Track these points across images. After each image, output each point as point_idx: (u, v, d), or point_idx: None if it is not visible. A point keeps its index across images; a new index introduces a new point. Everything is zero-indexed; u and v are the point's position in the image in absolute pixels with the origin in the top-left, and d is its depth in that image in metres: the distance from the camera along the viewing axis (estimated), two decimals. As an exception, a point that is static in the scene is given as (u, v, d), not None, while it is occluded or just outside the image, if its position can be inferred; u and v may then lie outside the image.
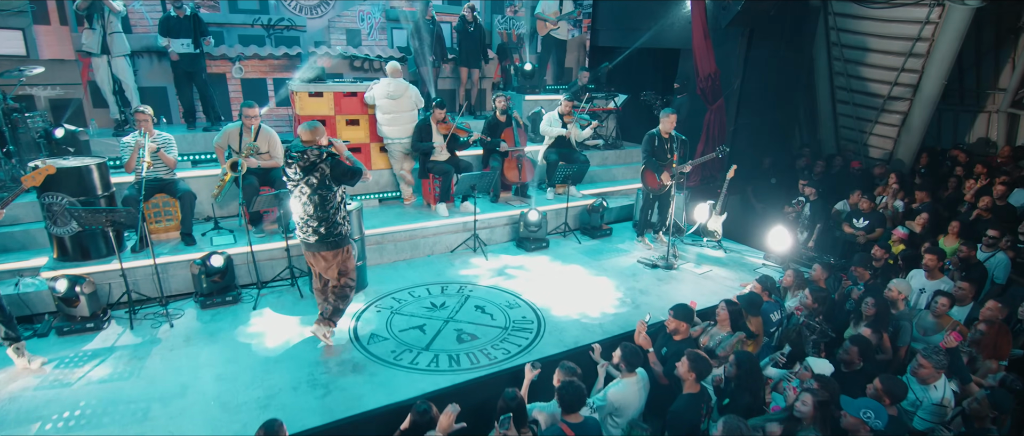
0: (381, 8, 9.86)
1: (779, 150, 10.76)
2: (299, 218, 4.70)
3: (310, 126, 4.57)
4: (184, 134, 7.61)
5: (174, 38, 7.47)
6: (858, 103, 10.72)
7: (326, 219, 4.62)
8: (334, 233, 4.69)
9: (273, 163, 6.39)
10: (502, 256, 7.18)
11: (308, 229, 4.68)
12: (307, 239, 4.73)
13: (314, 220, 4.62)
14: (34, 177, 4.59)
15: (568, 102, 8.10)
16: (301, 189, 4.57)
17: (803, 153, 10.92)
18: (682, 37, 10.08)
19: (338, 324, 5.04)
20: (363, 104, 7.37)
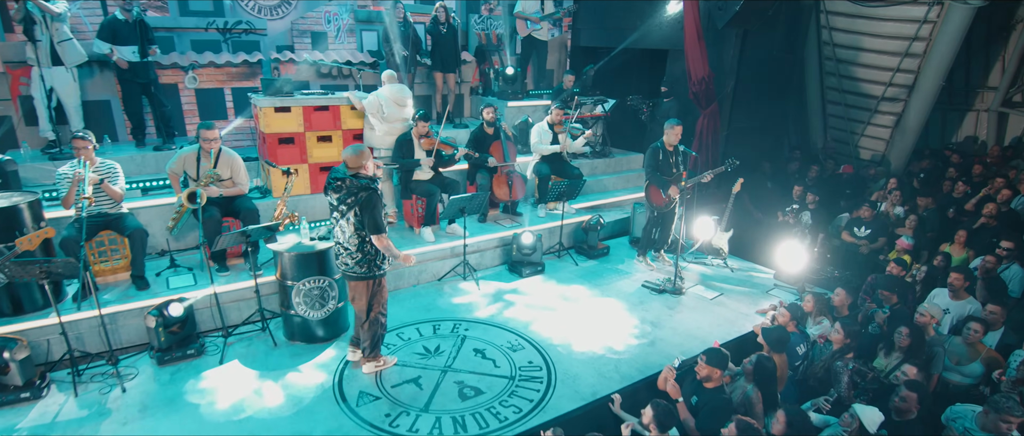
0: (349, 8, 9.07)
1: (772, 154, 10.40)
2: (337, 244, 4.48)
3: (355, 151, 4.24)
4: (132, 154, 6.75)
5: (120, 45, 6.60)
6: (850, 104, 10.44)
7: (360, 250, 4.35)
8: (367, 265, 4.43)
9: (237, 191, 5.62)
10: (495, 283, 6.56)
11: (340, 256, 4.48)
12: (340, 267, 4.57)
13: (348, 250, 4.38)
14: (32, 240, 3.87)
15: (559, 111, 7.51)
16: (339, 215, 4.33)
17: (794, 156, 10.60)
18: (670, 37, 9.58)
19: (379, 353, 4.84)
20: (335, 120, 6.64)
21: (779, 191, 9.42)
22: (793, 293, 6.55)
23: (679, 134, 6.55)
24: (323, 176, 6.75)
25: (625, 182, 9.25)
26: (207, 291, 5.19)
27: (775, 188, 9.62)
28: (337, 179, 4.26)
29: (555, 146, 7.45)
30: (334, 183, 4.27)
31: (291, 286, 4.99)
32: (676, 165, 6.65)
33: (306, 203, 6.66)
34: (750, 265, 7.41)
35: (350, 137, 6.77)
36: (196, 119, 7.75)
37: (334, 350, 5.15)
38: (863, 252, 7.91)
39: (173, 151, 6.89)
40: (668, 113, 9.21)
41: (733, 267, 7.25)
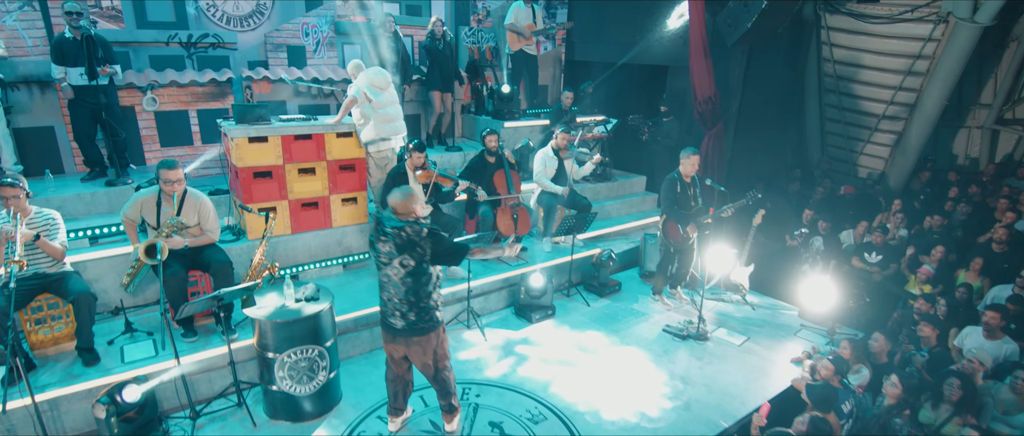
0: (329, 20, 8.25)
1: (772, 175, 9.97)
2: (388, 302, 3.85)
3: (405, 194, 3.73)
4: (79, 192, 5.82)
5: (71, 67, 5.68)
6: (849, 121, 10.09)
7: (419, 303, 3.79)
8: (428, 318, 3.86)
9: (206, 239, 4.79)
10: (503, 331, 5.86)
11: (396, 314, 3.84)
12: (393, 325, 3.88)
13: (405, 304, 3.78)
14: None
15: (565, 135, 6.87)
16: (392, 269, 3.73)
17: (794, 176, 10.21)
18: (671, 53, 9.08)
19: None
20: (319, 150, 5.85)
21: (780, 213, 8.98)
22: (822, 335, 6.04)
23: (697, 164, 5.98)
24: (306, 214, 5.97)
25: (628, 208, 8.66)
26: (170, 363, 4.36)
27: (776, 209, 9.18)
28: (393, 229, 3.64)
29: (558, 188, 6.81)
30: (388, 235, 3.67)
31: (273, 359, 4.20)
32: (694, 197, 6.08)
33: (287, 246, 5.86)
34: (770, 301, 6.88)
35: (336, 168, 5.99)
36: (155, 146, 6.84)
37: (326, 429, 4.38)
38: (876, 280, 7.50)
39: (128, 185, 6.02)
40: (669, 133, 8.69)
41: (753, 303, 6.71)
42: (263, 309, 4.25)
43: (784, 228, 8.35)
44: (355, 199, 6.24)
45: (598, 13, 10.16)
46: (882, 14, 8.57)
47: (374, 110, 6.00)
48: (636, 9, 9.40)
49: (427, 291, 3.79)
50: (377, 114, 6.02)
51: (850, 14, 8.85)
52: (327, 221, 6.12)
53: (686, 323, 6.01)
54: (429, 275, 3.78)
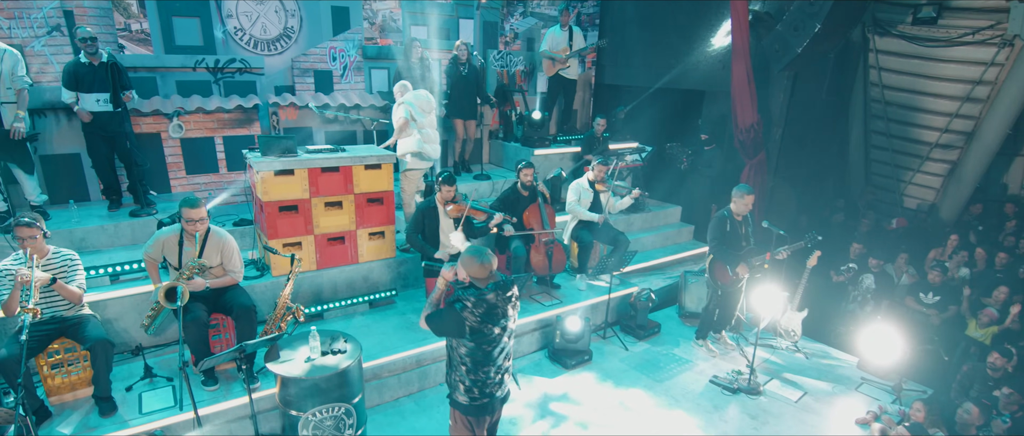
0: (357, 44, 8.05)
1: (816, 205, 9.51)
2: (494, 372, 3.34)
3: (482, 259, 3.21)
4: (103, 223, 5.64)
5: (86, 92, 5.52)
6: (898, 150, 9.59)
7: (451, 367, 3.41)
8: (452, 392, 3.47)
9: (228, 281, 4.55)
10: (537, 381, 5.51)
11: (502, 382, 3.44)
12: (497, 395, 3.43)
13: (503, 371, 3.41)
14: None
15: (601, 167, 6.54)
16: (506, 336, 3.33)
17: (837, 206, 9.73)
18: (708, 78, 8.70)
19: None
20: (347, 183, 5.59)
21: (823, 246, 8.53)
22: (887, 390, 5.58)
23: (750, 204, 5.59)
24: (331, 249, 5.72)
25: (663, 240, 8.28)
26: (188, 415, 4.11)
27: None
28: (488, 295, 3.17)
29: (594, 214, 6.47)
30: (501, 310, 3.22)
31: (296, 417, 3.91)
32: (746, 238, 5.69)
33: (312, 282, 5.60)
34: (823, 349, 6.43)
35: (363, 201, 5.73)
36: (181, 173, 6.66)
37: (349, 492, 4.07)
38: (934, 323, 7.00)
39: (152, 216, 5.83)
40: (710, 163, 8.30)
41: (806, 351, 6.27)
42: (287, 364, 3.96)
43: (828, 263, 7.90)
44: (382, 233, 5.98)
45: (631, 36, 9.85)
46: (940, 37, 8.12)
47: (419, 130, 6.07)
48: (672, 32, 9.07)
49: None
50: (420, 133, 6.10)
51: (903, 37, 8.41)
52: (354, 256, 5.86)
53: (735, 374, 5.60)
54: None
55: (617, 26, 10.07)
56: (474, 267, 3.18)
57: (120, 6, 6.85)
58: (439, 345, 5.27)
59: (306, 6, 7.84)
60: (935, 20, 8.06)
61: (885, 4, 8.40)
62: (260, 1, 7.56)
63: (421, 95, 6.23)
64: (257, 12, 7.57)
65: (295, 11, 7.83)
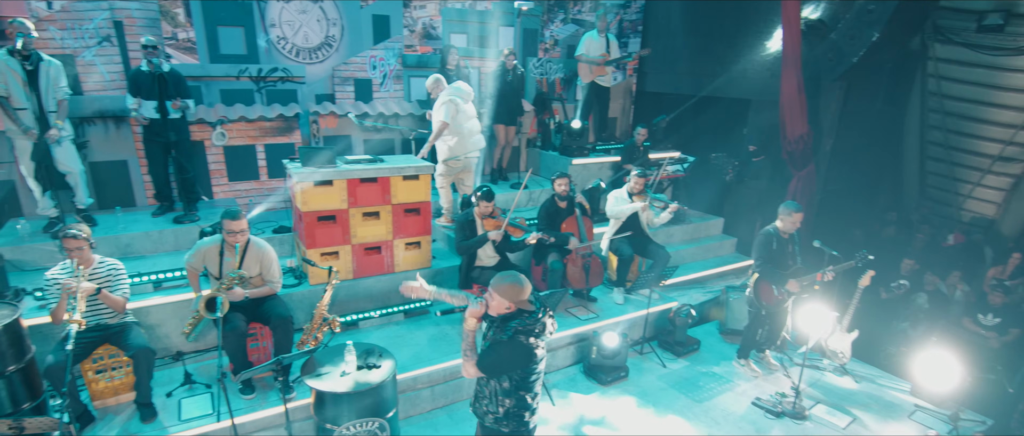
0: (396, 53, 8.09)
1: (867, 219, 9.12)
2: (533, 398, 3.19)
3: (522, 283, 3.01)
4: (148, 230, 5.77)
5: (146, 99, 5.67)
6: (956, 162, 9.12)
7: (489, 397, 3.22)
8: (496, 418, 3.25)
9: (267, 291, 4.58)
10: (573, 397, 5.38)
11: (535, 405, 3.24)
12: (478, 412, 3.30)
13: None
14: None
15: (640, 178, 6.38)
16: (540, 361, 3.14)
17: (888, 219, 9.32)
18: (755, 87, 8.45)
19: None
20: (384, 194, 5.59)
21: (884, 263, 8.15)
22: (943, 419, 5.27)
23: (798, 221, 5.35)
24: (368, 259, 5.72)
25: (705, 252, 8.05)
26: (225, 424, 4.14)
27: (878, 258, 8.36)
28: (529, 321, 3.01)
29: (635, 205, 6.30)
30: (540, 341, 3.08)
31: (330, 430, 3.89)
32: (792, 256, 5.46)
33: (348, 291, 5.62)
34: (873, 372, 6.13)
35: (401, 211, 5.72)
36: (223, 180, 6.79)
37: (382, 507, 4.02)
38: (993, 346, 6.62)
39: (195, 223, 5.94)
40: (758, 175, 8.03)
41: (855, 373, 5.99)
42: (323, 378, 3.95)
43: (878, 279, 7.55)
44: (419, 243, 5.95)
45: (674, 43, 9.65)
46: (1006, 46, 7.68)
47: (460, 124, 6.23)
48: (718, 39, 8.85)
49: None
50: (460, 128, 6.25)
51: (966, 45, 7.99)
52: (390, 266, 5.86)
53: (779, 396, 5.38)
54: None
55: (660, 33, 9.89)
56: (518, 292, 2.97)
57: (168, 15, 7.03)
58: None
59: (348, 14, 7.91)
60: (1002, 28, 7.63)
61: (948, 11, 8.00)
62: (303, 10, 7.66)
63: (460, 86, 6.37)
64: (300, 21, 7.67)
65: (337, 20, 7.91)
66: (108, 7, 6.50)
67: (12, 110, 5.13)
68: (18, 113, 5.14)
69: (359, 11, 8.05)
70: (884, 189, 9.81)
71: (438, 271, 6.12)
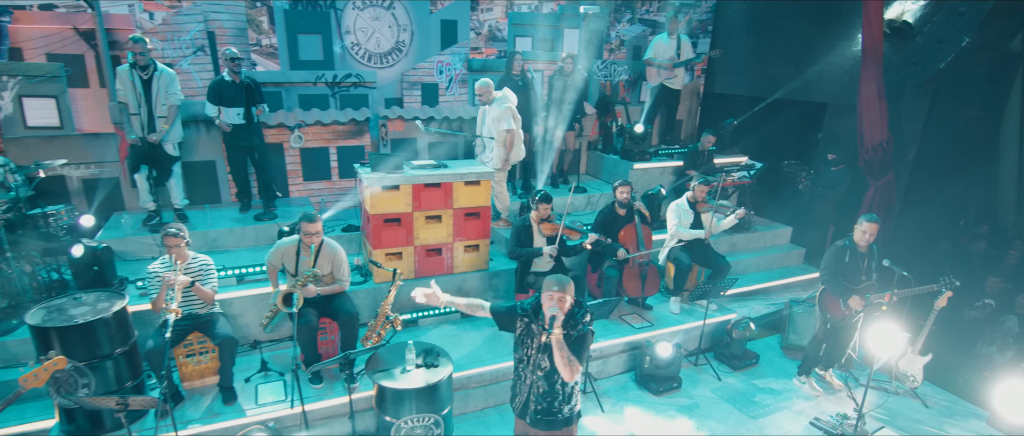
0: (462, 57, 8.33)
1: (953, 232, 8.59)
2: (532, 386, 3.44)
3: (570, 281, 3.25)
4: (231, 226, 6.28)
5: (227, 107, 6.16)
6: (1059, 173, 8.45)
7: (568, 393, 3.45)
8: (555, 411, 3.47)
9: (336, 289, 4.92)
10: (625, 408, 5.44)
11: (542, 402, 3.44)
12: (538, 415, 3.48)
13: (548, 393, 3.42)
14: (37, 376, 3.26)
15: (702, 186, 6.33)
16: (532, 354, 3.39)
17: (980, 233, 8.73)
18: (832, 90, 8.13)
19: None
20: (447, 198, 5.84)
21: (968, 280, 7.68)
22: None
23: (872, 234, 5.16)
24: (429, 260, 6.00)
25: (770, 263, 7.86)
26: (296, 410, 4.50)
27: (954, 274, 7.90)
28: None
29: (697, 231, 6.27)
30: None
31: (390, 423, 4.17)
32: (867, 272, 5.27)
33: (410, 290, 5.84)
34: (948, 397, 5.84)
35: (461, 216, 5.95)
36: (299, 180, 7.25)
37: (436, 500, 4.27)
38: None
39: (274, 221, 6.40)
40: (835, 185, 7.73)
41: (926, 398, 5.73)
42: (385, 374, 4.24)
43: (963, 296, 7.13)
44: (478, 246, 6.17)
45: (745, 44, 9.39)
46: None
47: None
48: (793, 40, 8.55)
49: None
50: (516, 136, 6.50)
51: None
52: (449, 267, 6.11)
53: (840, 418, 5.24)
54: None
55: (731, 33, 9.65)
56: (572, 288, 3.24)
57: (253, 23, 7.54)
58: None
59: (417, 20, 8.21)
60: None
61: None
62: (376, 17, 8.01)
63: (508, 93, 6.49)
64: (372, 27, 8.02)
65: (407, 25, 8.22)
66: (203, 19, 7.06)
67: (128, 115, 5.72)
68: (132, 118, 5.72)
69: (428, 16, 8.33)
70: (975, 201, 9.19)
71: (495, 273, 6.31)
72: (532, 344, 3.37)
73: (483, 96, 6.53)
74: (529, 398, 3.45)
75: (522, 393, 3.50)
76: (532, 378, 3.40)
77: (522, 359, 3.46)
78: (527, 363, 3.42)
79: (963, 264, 8.18)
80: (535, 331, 3.35)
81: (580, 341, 3.25)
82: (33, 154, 6.14)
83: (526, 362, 3.43)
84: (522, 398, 3.51)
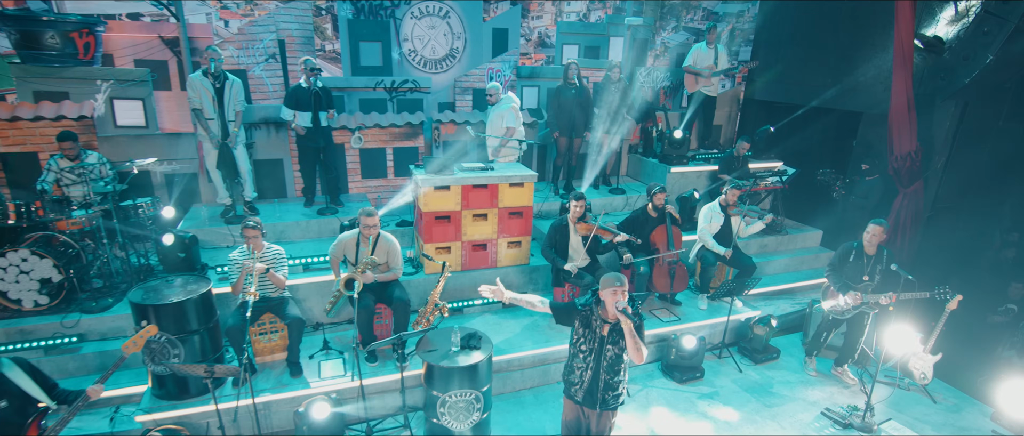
0: (512, 65, 8.85)
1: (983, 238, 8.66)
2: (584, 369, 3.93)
3: (622, 279, 3.69)
4: (297, 220, 7.00)
5: (302, 111, 6.85)
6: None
7: (616, 381, 3.93)
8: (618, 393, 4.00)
9: (391, 276, 5.54)
10: (648, 391, 5.93)
11: (596, 384, 3.92)
12: (590, 398, 3.98)
13: (605, 375, 3.89)
14: (136, 343, 3.96)
15: (734, 191, 6.70)
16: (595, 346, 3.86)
17: (1011, 240, 8.76)
18: (868, 100, 8.31)
19: None
20: (492, 198, 6.40)
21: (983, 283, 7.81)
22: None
23: (880, 236, 5.50)
24: (475, 254, 6.57)
25: (799, 264, 8.15)
26: (354, 384, 5.15)
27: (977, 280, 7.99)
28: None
29: (721, 249, 6.68)
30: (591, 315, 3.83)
31: (437, 397, 4.76)
32: (870, 272, 5.60)
33: (457, 281, 6.49)
34: (957, 395, 6.09)
35: (505, 214, 6.50)
36: (358, 178, 7.93)
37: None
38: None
39: (336, 216, 7.09)
40: (868, 194, 7.94)
41: (935, 395, 6.00)
42: (434, 353, 4.83)
43: (988, 301, 7.28)
44: (520, 242, 6.71)
45: (785, 53, 9.62)
46: None
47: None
48: (830, 50, 8.76)
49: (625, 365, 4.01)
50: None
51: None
52: (493, 261, 6.67)
53: (850, 409, 5.58)
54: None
55: (772, 42, 9.89)
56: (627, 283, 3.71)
57: (319, 30, 8.26)
58: (561, 347, 5.89)
59: (471, 28, 8.78)
60: None
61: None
62: (432, 25, 8.62)
63: (514, 97, 7.26)
64: (429, 36, 8.65)
65: (461, 33, 8.81)
66: (274, 28, 7.80)
67: (204, 120, 6.46)
68: (208, 123, 6.46)
69: (481, 25, 8.89)
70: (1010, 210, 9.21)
71: (535, 268, 6.84)
72: (594, 336, 3.82)
73: (492, 97, 7.27)
74: (594, 384, 3.90)
75: (584, 381, 3.93)
76: (597, 366, 3.84)
77: (586, 351, 3.88)
78: (591, 353, 3.85)
79: (994, 270, 8.28)
80: (594, 325, 3.83)
81: (640, 328, 3.71)
82: (122, 151, 6.95)
83: (589, 353, 3.86)
84: (584, 385, 3.94)
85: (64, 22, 6.68)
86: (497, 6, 9.03)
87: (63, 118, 6.54)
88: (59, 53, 6.69)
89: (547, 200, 7.98)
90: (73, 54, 6.78)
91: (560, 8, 9.51)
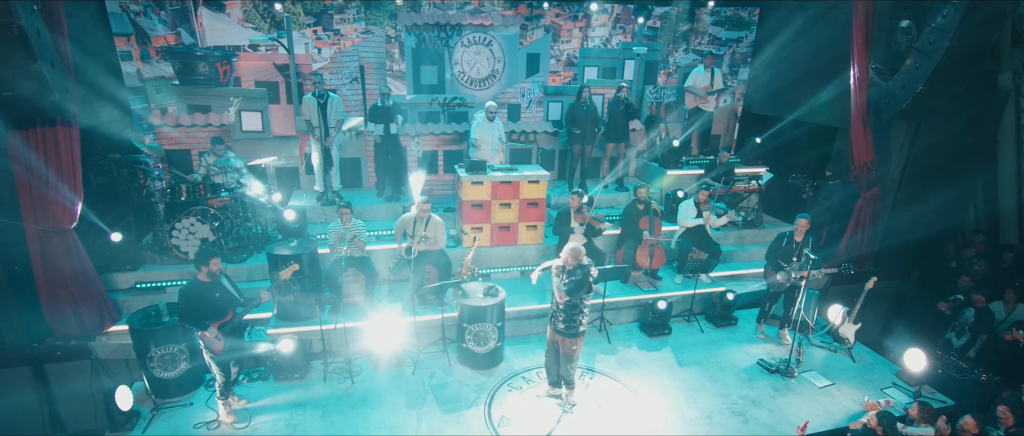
0: (541, 84, 10.88)
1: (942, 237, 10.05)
2: (554, 306, 6.01)
3: (574, 249, 5.77)
4: (371, 204, 9.28)
5: (378, 123, 9.09)
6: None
7: (571, 317, 5.88)
8: (574, 327, 5.95)
9: (437, 246, 7.69)
10: (625, 339, 7.86)
11: (558, 317, 5.97)
12: (556, 326, 6.02)
13: (562, 313, 5.92)
14: (286, 273, 6.28)
15: (704, 191, 8.50)
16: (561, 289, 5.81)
17: (974, 241, 10.07)
18: (840, 115, 9.86)
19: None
20: (515, 191, 8.46)
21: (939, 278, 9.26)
22: (909, 393, 6.87)
23: (801, 227, 7.24)
24: (501, 233, 8.66)
25: (773, 254, 9.81)
26: (409, 319, 7.34)
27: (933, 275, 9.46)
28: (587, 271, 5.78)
29: (699, 220, 8.48)
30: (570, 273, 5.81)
31: (465, 327, 6.89)
32: (798, 255, 7.33)
33: (486, 254, 8.60)
34: (878, 358, 7.72)
35: (525, 204, 8.54)
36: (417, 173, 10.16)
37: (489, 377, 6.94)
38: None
39: (400, 201, 9.34)
40: (831, 195, 9.56)
41: (857, 358, 7.65)
42: (464, 298, 6.97)
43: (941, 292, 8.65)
44: (536, 226, 8.75)
45: (779, 72, 11.22)
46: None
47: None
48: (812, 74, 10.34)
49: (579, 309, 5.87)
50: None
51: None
52: (515, 240, 8.73)
53: (780, 361, 7.34)
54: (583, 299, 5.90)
55: (767, 64, 11.50)
56: (577, 254, 5.72)
57: (388, 54, 10.52)
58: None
59: (509, 53, 10.85)
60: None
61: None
62: (478, 52, 10.75)
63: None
64: (475, 60, 10.78)
65: (501, 57, 10.89)
66: (357, 56, 10.12)
67: (312, 128, 8.81)
68: (315, 130, 8.81)
69: (518, 50, 10.95)
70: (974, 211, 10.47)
71: (549, 247, 8.87)
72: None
73: (491, 113, 9.11)
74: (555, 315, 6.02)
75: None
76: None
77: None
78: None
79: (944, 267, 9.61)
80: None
81: (570, 284, 5.75)
82: (247, 150, 9.37)
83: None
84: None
85: (212, 55, 9.19)
86: (532, 33, 11.05)
87: (209, 125, 9.03)
88: (206, 77, 9.21)
89: (564, 195, 9.96)
90: (215, 78, 9.28)
91: (586, 34, 11.44)
